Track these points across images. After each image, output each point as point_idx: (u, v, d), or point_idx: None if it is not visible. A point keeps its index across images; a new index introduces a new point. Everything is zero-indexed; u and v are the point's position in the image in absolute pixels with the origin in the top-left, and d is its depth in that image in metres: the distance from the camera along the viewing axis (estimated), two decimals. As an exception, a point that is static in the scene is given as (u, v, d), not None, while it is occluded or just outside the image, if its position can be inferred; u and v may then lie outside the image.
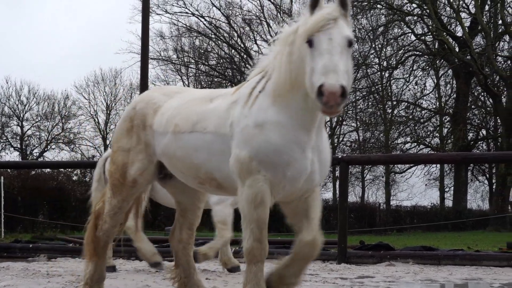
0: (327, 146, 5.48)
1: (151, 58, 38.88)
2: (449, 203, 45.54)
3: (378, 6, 39.67)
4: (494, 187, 42.99)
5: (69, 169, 29.73)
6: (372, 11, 40.26)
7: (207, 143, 5.57)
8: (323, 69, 4.65)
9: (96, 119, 51.96)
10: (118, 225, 6.54)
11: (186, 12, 41.48)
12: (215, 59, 43.70)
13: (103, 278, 6.59)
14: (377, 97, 43.49)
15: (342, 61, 4.70)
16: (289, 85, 5.14)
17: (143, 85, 14.29)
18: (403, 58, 41.50)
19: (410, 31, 39.98)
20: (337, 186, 30.44)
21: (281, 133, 5.14)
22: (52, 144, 50.68)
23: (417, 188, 51.16)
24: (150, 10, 14.09)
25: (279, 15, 42.59)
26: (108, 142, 51.19)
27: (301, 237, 5.41)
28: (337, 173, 33.22)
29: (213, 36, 42.28)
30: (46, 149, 50.29)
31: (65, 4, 77.27)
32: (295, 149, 5.13)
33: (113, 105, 51.85)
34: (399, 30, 40.92)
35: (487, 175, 47.55)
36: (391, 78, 43.70)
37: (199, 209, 6.68)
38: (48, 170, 29.06)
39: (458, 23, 38.90)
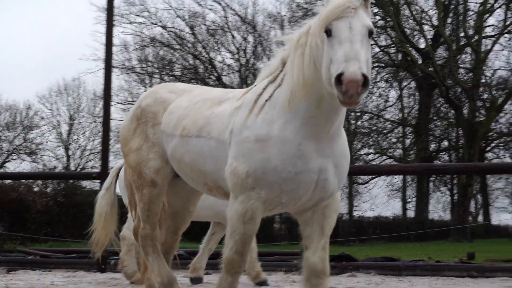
0: (344, 151, 5.20)
1: (114, 67, 38.74)
2: (411, 213, 45.97)
3: (342, 18, 39.83)
4: (455, 197, 43.39)
5: (30, 180, 29.39)
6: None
7: (212, 149, 5.41)
8: (343, 57, 4.36)
9: (58, 130, 51.56)
10: (156, 228, 6.25)
11: (151, 23, 41.41)
12: (179, 69, 43.56)
13: (173, 279, 6.15)
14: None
15: (363, 50, 4.43)
16: (303, 90, 4.86)
17: (106, 95, 14.16)
18: (366, 70, 41.56)
19: (373, 43, 40.30)
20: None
21: (283, 150, 4.88)
22: (14, 154, 50.08)
23: (380, 199, 51.38)
24: (114, 20, 13.95)
25: (243, 26, 42.69)
26: (70, 152, 51.05)
27: (307, 256, 5.24)
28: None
29: (177, 46, 42.18)
30: (7, 160, 49.63)
31: (29, 13, 76.51)
32: (297, 164, 4.89)
33: (76, 116, 51.59)
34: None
35: (449, 186, 47.99)
36: (355, 90, 43.75)
37: (190, 214, 6.51)
38: (9, 181, 28.72)
39: (421, 35, 39.28)
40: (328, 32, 4.55)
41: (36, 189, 29.25)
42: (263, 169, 4.89)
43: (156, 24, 41.36)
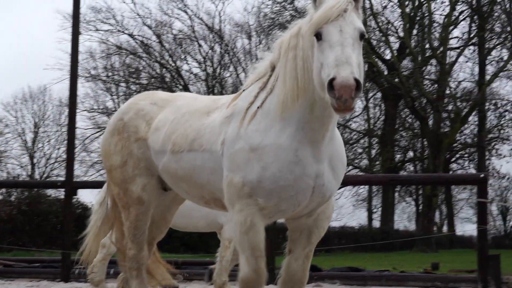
0: (340, 154, 5.10)
1: (80, 76, 38.47)
2: (376, 223, 46.17)
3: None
4: (420, 208, 43.69)
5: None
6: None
7: (205, 161, 5.19)
8: (334, 61, 4.21)
9: (23, 137, 50.94)
10: (143, 248, 6.04)
11: (118, 31, 41.20)
12: (146, 78, 43.37)
13: None
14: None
15: (355, 54, 4.29)
16: (296, 95, 4.69)
17: (72, 103, 14.07)
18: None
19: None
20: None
21: (279, 157, 4.72)
22: (-23, 162, 49.48)
23: (346, 209, 51.61)
24: (80, 29, 13.87)
25: (210, 36, 42.66)
26: (35, 161, 50.51)
27: (289, 261, 5.10)
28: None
29: (144, 55, 42.02)
30: (-30, 167, 49.02)
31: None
32: (295, 170, 4.72)
33: (41, 123, 51.10)
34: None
35: (414, 196, 48.33)
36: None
37: (167, 223, 6.37)
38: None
39: (387, 47, 39.58)
40: (318, 36, 4.43)
41: (-1, 197, 28.98)
42: (259, 178, 4.72)
43: (122, 32, 41.16)
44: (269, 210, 4.83)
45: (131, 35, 41.19)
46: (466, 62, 40.36)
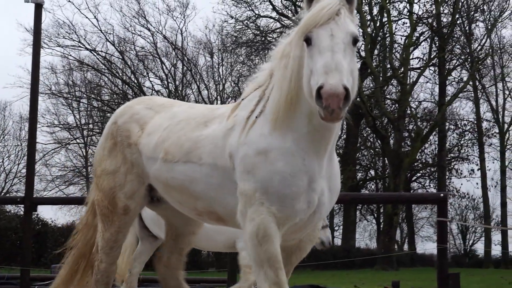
0: (337, 172, 4.77)
1: (41, 93, 38.17)
2: (338, 241, 46.26)
3: (271, 46, 40.19)
4: (381, 226, 43.96)
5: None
6: (265, 51, 40.89)
7: (205, 175, 4.83)
8: (323, 68, 3.90)
9: None
10: (115, 263, 5.72)
11: (79, 46, 40.96)
12: (108, 94, 43.18)
13: None
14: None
15: (346, 60, 3.97)
16: (289, 104, 4.38)
17: (32, 119, 13.95)
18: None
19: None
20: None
21: (288, 161, 4.38)
22: None
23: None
24: (42, 43, 13.87)
25: (173, 53, 42.65)
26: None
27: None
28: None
29: (106, 71, 41.85)
30: None
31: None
32: (304, 180, 4.38)
33: (1, 138, 50.72)
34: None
35: (375, 215, 48.60)
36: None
37: (193, 235, 6.06)
38: None
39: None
40: (308, 41, 4.12)
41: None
42: (271, 182, 4.36)
43: (84, 47, 40.92)
44: (284, 222, 4.43)
45: (93, 51, 40.98)
46: (427, 82, 41.08)
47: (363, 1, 37.24)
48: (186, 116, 5.24)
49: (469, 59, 39.68)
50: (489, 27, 40.59)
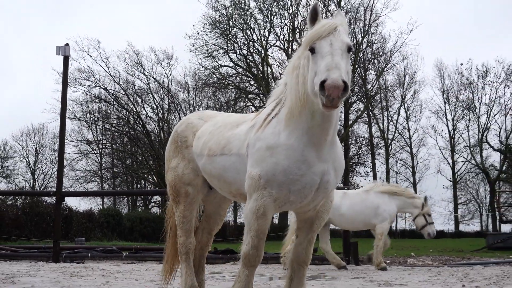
0: (340, 157, 4.34)
1: (69, 117, 37.72)
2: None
3: (230, 86, 40.36)
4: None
5: (5, 196, 28.67)
6: (225, 89, 41.00)
7: (233, 163, 4.57)
8: (325, 67, 3.62)
9: (27, 160, 51.08)
10: (190, 236, 5.33)
11: (96, 85, 40.54)
12: (115, 119, 42.84)
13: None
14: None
15: (343, 62, 3.68)
16: (300, 106, 4.06)
17: (62, 136, 13.80)
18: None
19: (251, 104, 40.86)
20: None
21: (289, 155, 4.08)
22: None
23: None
24: (68, 83, 13.78)
25: (161, 90, 42.55)
26: (35, 177, 50.26)
27: (296, 245, 4.55)
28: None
29: (114, 102, 41.50)
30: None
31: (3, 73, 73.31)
32: (302, 167, 4.07)
33: (40, 150, 51.09)
34: (244, 103, 41.55)
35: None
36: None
37: (221, 218, 5.69)
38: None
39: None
40: (312, 50, 3.83)
41: (9, 202, 28.39)
42: (273, 172, 4.10)
43: (99, 86, 40.58)
44: (280, 200, 4.18)
45: (105, 89, 40.67)
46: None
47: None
48: (224, 122, 4.99)
49: (364, 96, 40.28)
50: (377, 74, 41.29)
